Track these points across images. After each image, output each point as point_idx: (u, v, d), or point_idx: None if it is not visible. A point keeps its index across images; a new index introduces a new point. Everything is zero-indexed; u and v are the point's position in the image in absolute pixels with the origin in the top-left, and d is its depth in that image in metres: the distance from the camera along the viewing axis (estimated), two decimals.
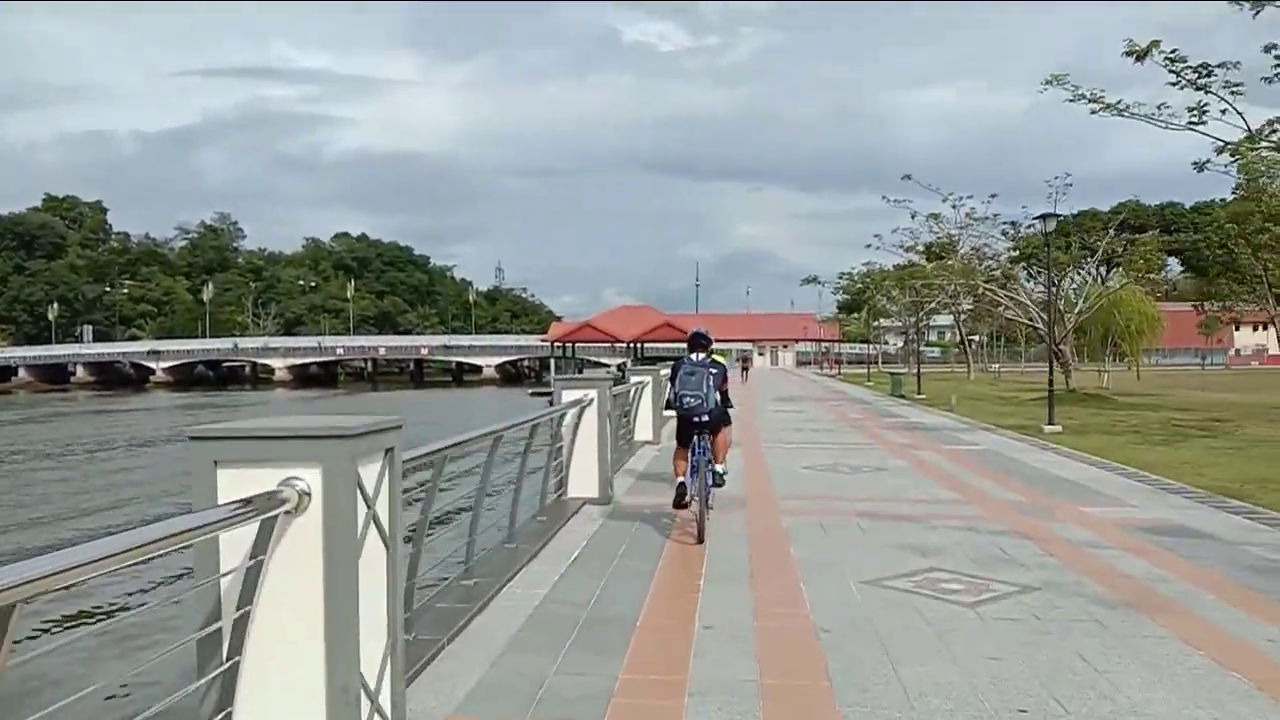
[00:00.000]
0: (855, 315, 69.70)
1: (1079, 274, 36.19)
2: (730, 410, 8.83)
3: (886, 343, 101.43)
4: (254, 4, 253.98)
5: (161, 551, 2.58)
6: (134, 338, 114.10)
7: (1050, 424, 19.79)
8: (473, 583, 6.38)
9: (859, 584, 6.62)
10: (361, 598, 3.28)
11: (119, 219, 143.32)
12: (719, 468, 8.66)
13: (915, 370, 38.69)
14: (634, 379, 16.61)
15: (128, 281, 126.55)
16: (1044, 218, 22.56)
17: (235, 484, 3.12)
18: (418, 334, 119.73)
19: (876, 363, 62.40)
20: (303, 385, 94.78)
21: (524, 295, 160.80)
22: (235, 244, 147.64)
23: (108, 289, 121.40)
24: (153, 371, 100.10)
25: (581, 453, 9.98)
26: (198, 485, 3.16)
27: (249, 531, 3.08)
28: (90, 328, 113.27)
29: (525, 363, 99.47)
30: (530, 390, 67.33)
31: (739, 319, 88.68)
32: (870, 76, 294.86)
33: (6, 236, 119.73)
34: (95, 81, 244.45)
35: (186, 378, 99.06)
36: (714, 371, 8.41)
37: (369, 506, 3.36)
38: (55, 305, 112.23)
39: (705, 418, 8.35)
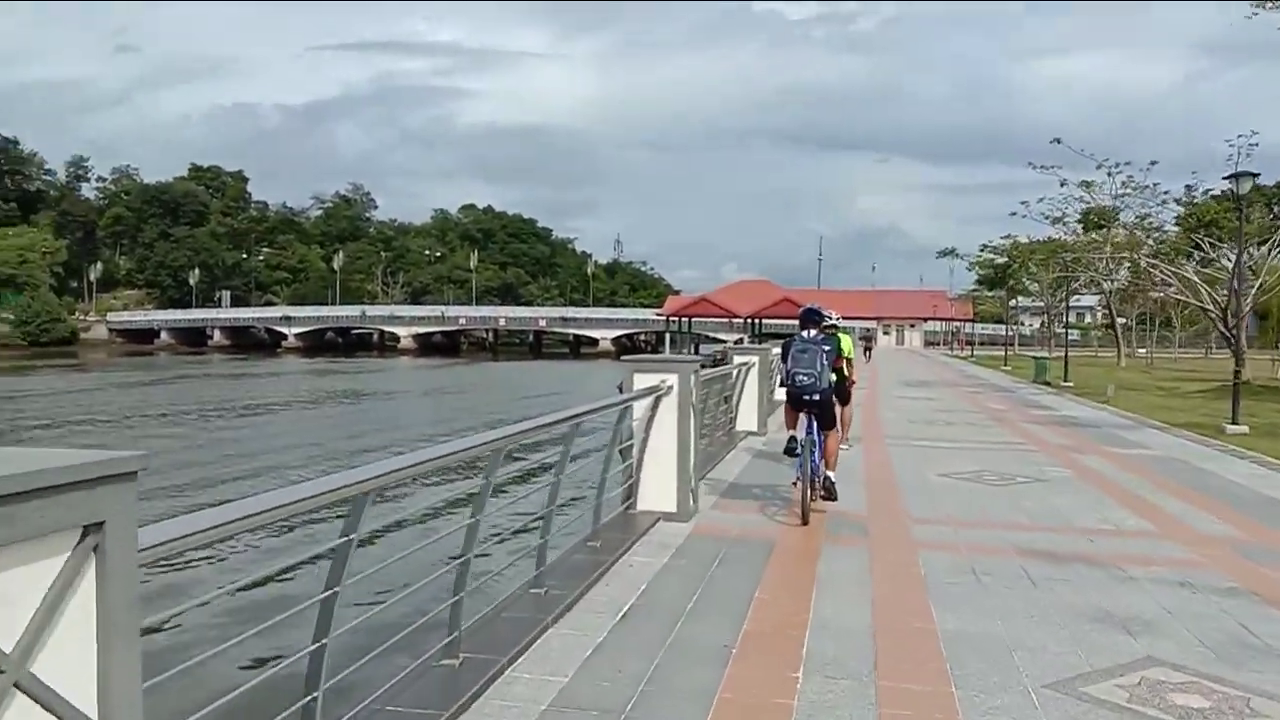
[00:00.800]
0: (992, 293, 63.31)
1: (1257, 249, 31.63)
2: (853, 388, 9.35)
3: (1022, 323, 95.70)
4: None
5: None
6: (269, 303, 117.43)
7: (1234, 423, 16.62)
8: (543, 592, 5.52)
9: (1042, 689, 4.37)
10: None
11: (260, 189, 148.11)
12: (830, 474, 8.33)
13: (1061, 355, 34.94)
14: (738, 359, 14.61)
15: (265, 249, 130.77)
16: (1236, 177, 19.05)
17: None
18: (538, 305, 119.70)
19: (1012, 345, 57.17)
20: (426, 354, 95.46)
21: (643, 269, 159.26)
22: (368, 214, 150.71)
23: (245, 256, 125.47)
24: (285, 337, 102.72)
25: (655, 454, 7.93)
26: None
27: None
28: (228, 293, 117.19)
29: (642, 337, 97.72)
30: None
31: (863, 295, 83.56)
32: (1005, 45, 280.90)
33: (154, 204, 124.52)
34: (241, 55, 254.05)
35: (317, 343, 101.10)
36: (827, 349, 8.15)
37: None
38: (196, 271, 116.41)
39: (817, 396, 8.11)
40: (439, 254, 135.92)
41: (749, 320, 75.50)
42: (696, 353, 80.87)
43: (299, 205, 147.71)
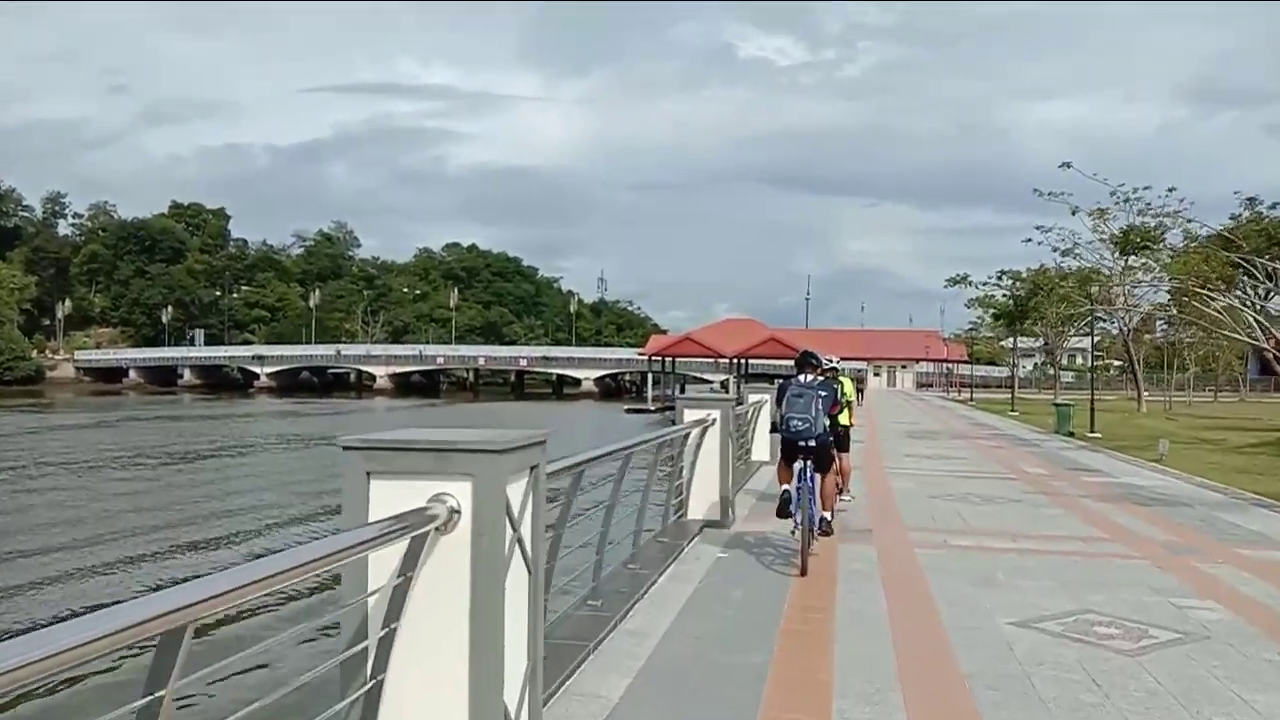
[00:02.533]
0: (994, 331, 56.91)
1: None
2: (852, 430, 9.81)
3: (1018, 365, 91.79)
4: (383, 23, 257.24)
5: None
6: (246, 342, 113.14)
7: None
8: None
9: None
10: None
11: (247, 229, 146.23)
12: (825, 515, 8.19)
13: (1062, 397, 31.23)
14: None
15: (243, 287, 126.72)
16: None
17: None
18: (522, 344, 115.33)
19: (1012, 387, 51.80)
20: (404, 394, 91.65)
21: (629, 308, 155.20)
22: (350, 252, 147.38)
23: (222, 294, 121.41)
24: (257, 376, 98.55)
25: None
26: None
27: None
28: (201, 331, 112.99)
29: (627, 377, 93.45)
30: (626, 407, 61.00)
31: (853, 335, 78.58)
32: (993, 90, 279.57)
33: (130, 241, 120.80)
34: (233, 97, 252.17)
35: (291, 384, 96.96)
36: (823, 394, 7.80)
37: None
38: (169, 309, 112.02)
39: (812, 443, 7.72)
40: (419, 292, 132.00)
41: (734, 360, 71.03)
42: (682, 393, 76.24)
43: (281, 243, 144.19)
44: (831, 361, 10.21)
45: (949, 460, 17.64)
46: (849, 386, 11.27)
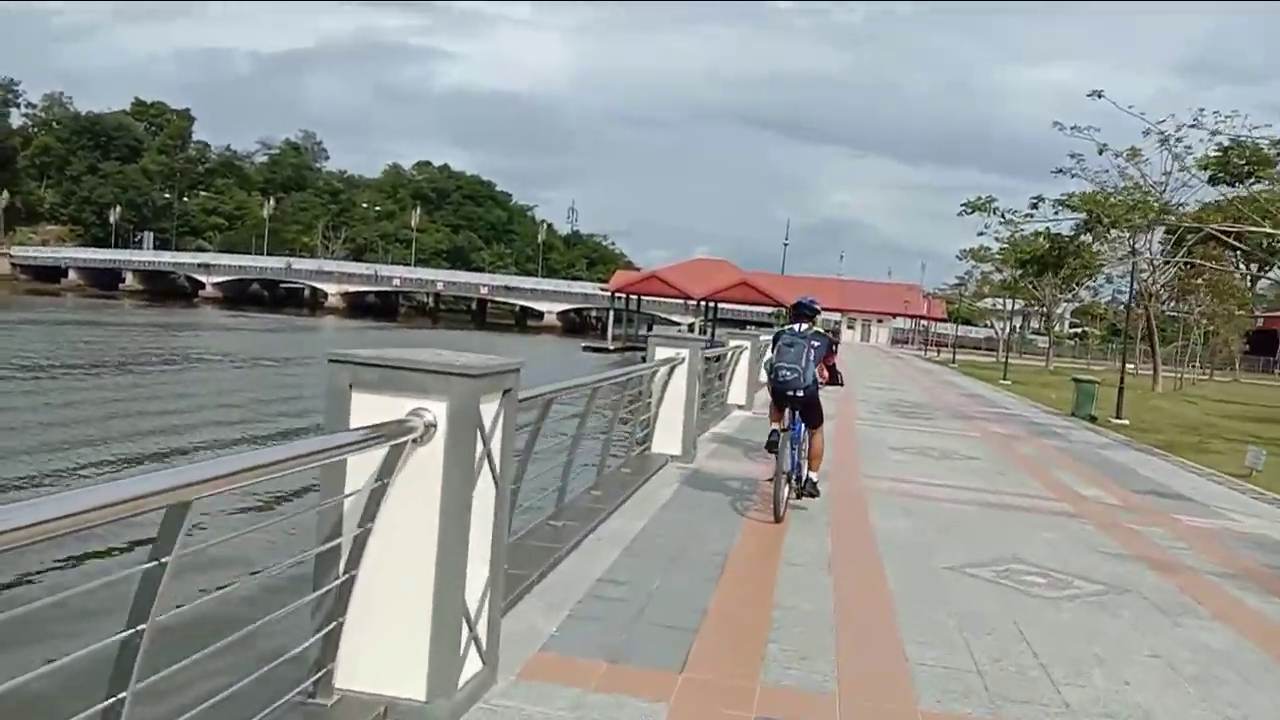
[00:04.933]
0: (1025, 276, 46.47)
1: None
2: (839, 388, 8.67)
3: (989, 325, 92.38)
4: None
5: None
6: (201, 249, 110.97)
7: None
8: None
9: None
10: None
11: (217, 135, 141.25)
12: (812, 475, 8.04)
13: (1084, 370, 28.29)
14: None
15: (202, 193, 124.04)
16: None
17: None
18: (488, 272, 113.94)
19: (992, 350, 50.56)
20: (358, 315, 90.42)
21: (604, 243, 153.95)
22: (318, 164, 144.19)
23: (176, 198, 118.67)
24: (204, 286, 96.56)
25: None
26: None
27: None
28: (150, 235, 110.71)
29: (594, 313, 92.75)
30: (584, 344, 60.68)
31: (829, 284, 77.03)
32: (986, 49, 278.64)
33: (85, 135, 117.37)
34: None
35: (239, 295, 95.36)
36: (815, 344, 7.87)
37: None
38: (118, 208, 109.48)
39: (801, 393, 7.77)
40: (378, 208, 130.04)
41: (702, 302, 70.55)
42: (649, 332, 75.29)
43: (246, 150, 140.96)
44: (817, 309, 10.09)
45: (955, 462, 12.39)
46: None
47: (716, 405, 15.11)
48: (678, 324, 75.95)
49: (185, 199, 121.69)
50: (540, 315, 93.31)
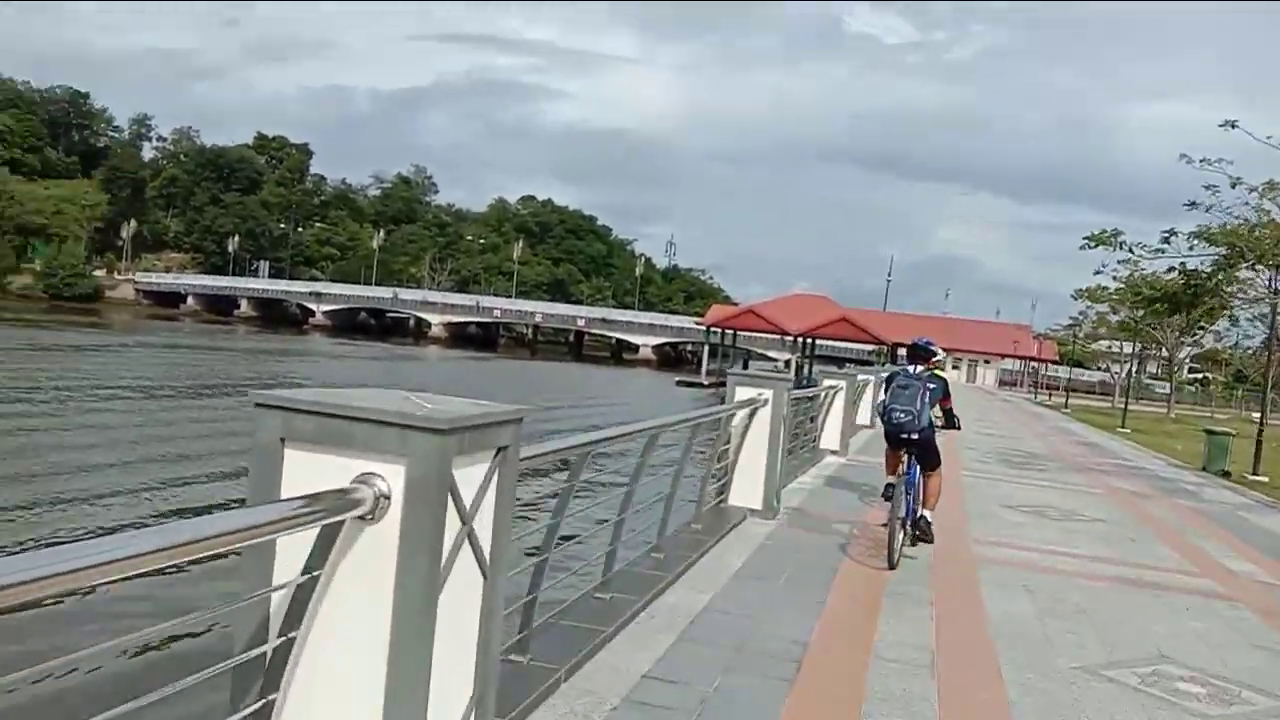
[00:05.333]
0: (1150, 313, 41.74)
1: None
2: (955, 431, 8.45)
3: (1103, 368, 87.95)
4: None
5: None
6: (314, 279, 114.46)
7: None
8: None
9: None
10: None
11: (335, 169, 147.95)
12: (926, 513, 7.89)
13: (1208, 419, 25.96)
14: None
15: (317, 224, 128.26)
16: None
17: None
18: (586, 304, 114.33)
19: (1125, 399, 46.93)
20: (459, 345, 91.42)
21: (702, 277, 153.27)
22: (427, 198, 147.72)
23: (291, 228, 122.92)
24: (313, 313, 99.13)
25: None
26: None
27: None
28: (266, 264, 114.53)
29: (689, 347, 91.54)
30: (679, 379, 59.62)
31: (933, 322, 73.85)
32: (1102, 85, 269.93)
33: (209, 167, 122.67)
34: (341, 40, 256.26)
35: (346, 324, 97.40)
36: (932, 387, 7.76)
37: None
38: (236, 238, 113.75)
39: (915, 435, 7.67)
40: (483, 240, 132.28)
41: (799, 338, 68.73)
42: (745, 369, 74.13)
43: (359, 184, 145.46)
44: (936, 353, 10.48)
45: (1078, 525, 10.78)
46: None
47: (807, 450, 13.98)
48: (774, 360, 74.48)
49: (300, 230, 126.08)
50: (636, 348, 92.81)
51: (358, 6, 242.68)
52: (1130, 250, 22.58)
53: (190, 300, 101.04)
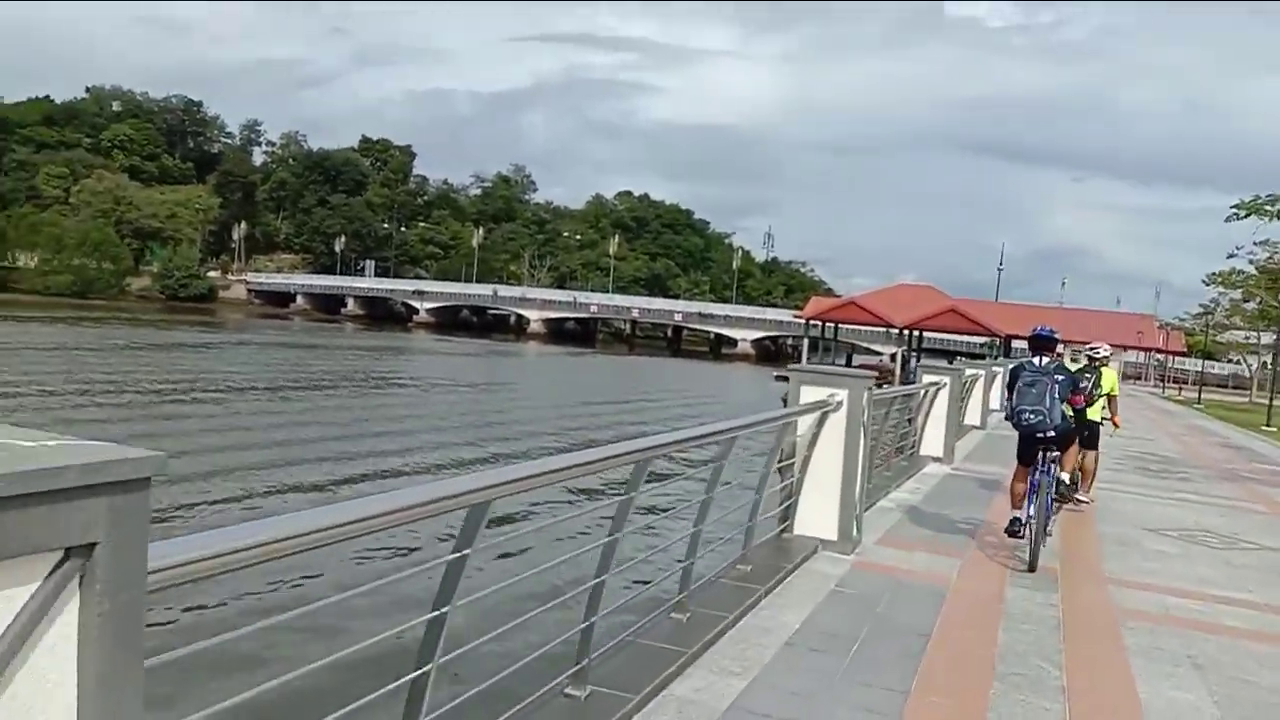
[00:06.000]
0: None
1: None
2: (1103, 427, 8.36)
3: (1234, 360, 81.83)
4: None
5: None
6: (419, 277, 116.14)
7: None
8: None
9: None
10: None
11: (437, 170, 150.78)
12: (1064, 475, 7.86)
13: None
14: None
15: (420, 224, 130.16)
16: None
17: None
18: (684, 299, 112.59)
19: (1246, 388, 42.97)
20: (558, 340, 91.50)
21: (802, 270, 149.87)
22: (526, 196, 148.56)
23: (401, 228, 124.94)
24: (417, 311, 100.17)
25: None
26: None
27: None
28: (372, 263, 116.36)
29: (789, 342, 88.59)
30: (776, 374, 57.28)
31: (1050, 313, 68.99)
32: (1222, 60, 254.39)
33: (316, 170, 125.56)
34: (441, 45, 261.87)
35: (449, 321, 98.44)
36: (1060, 379, 7.19)
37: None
38: (343, 238, 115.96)
39: (1051, 433, 7.11)
40: (579, 236, 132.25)
41: (904, 331, 65.42)
42: (848, 364, 71.23)
43: (460, 184, 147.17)
44: (1099, 350, 10.65)
45: (1243, 556, 8.56)
46: (1110, 377, 10.49)
47: (904, 459, 12.35)
48: (879, 354, 71.54)
49: (404, 229, 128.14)
50: (734, 343, 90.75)
51: (457, 7, 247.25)
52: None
53: (299, 299, 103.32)
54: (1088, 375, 9.99)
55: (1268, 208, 19.03)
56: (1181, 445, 20.99)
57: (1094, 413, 9.97)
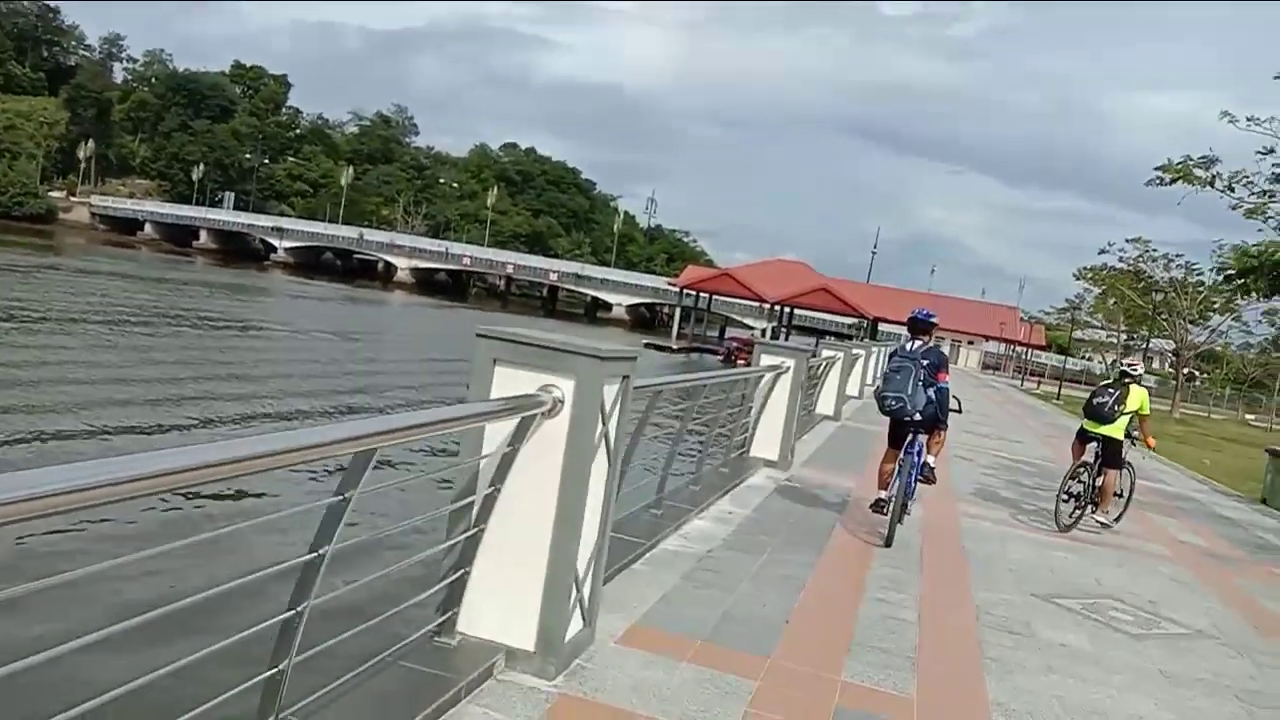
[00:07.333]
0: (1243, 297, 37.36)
1: None
2: (954, 413, 7.86)
3: (1088, 358, 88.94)
4: None
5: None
6: (283, 214, 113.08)
7: None
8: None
9: None
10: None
11: (316, 105, 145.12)
12: (929, 458, 7.75)
13: (1205, 419, 24.96)
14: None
15: (289, 158, 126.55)
16: None
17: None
18: (564, 259, 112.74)
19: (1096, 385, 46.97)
20: (427, 291, 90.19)
21: (685, 240, 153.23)
22: (406, 139, 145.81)
23: (260, 160, 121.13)
24: (276, 249, 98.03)
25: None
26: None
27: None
28: (231, 195, 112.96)
29: (666, 310, 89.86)
30: (645, 342, 57.90)
31: (917, 298, 72.04)
32: (1099, 72, 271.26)
33: (179, 92, 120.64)
34: None
35: (310, 262, 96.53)
36: (924, 363, 7.35)
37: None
38: (202, 166, 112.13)
39: (918, 416, 7.36)
40: (457, 185, 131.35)
41: (775, 306, 67.00)
42: (721, 339, 73.23)
43: (336, 120, 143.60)
44: (1135, 368, 10.15)
45: (1172, 657, 5.81)
46: (1140, 396, 9.85)
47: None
48: (751, 328, 73.75)
49: (271, 163, 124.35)
50: (610, 307, 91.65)
51: None
52: (1229, 187, 17.27)
53: (148, 228, 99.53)
54: (1112, 390, 9.83)
55: (1198, 171, 17.13)
56: (1051, 449, 19.78)
57: (1116, 430, 9.74)
